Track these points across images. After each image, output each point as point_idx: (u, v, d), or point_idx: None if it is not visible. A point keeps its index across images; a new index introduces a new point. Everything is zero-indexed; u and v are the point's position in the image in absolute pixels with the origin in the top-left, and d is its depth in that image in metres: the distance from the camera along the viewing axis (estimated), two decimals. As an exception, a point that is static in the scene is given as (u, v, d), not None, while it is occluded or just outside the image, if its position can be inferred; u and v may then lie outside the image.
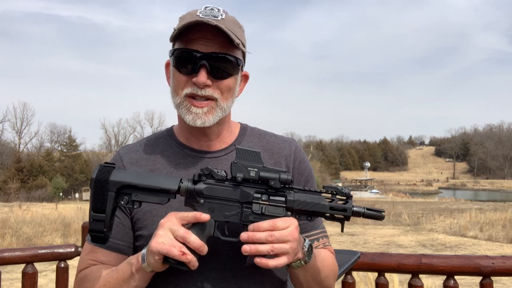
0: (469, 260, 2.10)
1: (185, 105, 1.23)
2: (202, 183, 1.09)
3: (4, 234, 18.23)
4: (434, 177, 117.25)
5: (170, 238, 1.04)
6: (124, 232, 1.28)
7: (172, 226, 1.05)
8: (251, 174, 1.08)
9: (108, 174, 1.08)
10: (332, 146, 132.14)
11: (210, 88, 1.21)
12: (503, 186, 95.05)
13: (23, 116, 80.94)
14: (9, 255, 2.33)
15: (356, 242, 17.24)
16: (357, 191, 72.99)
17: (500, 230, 19.73)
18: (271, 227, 1.04)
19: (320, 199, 1.11)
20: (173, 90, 1.26)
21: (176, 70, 1.24)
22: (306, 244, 1.14)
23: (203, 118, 1.23)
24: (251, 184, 1.09)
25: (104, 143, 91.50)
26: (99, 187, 1.07)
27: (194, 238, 1.04)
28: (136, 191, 1.08)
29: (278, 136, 1.44)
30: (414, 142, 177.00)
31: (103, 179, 1.07)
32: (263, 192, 1.09)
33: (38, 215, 25.69)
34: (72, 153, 74.05)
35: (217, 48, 1.20)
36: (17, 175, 54.86)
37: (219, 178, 1.09)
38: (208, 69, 1.19)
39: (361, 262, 2.17)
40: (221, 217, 1.08)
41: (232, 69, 1.24)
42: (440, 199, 51.84)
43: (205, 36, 1.19)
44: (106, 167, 1.09)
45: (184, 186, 1.09)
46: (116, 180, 1.07)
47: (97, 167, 1.10)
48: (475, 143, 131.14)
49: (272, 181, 1.07)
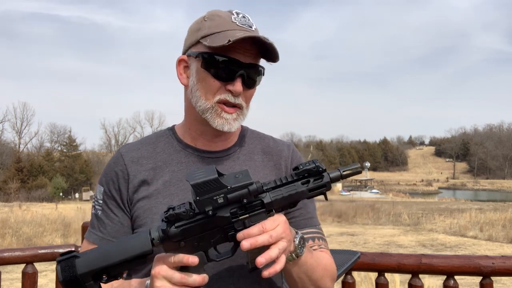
0: (469, 260, 2.10)
1: (215, 110, 1.25)
2: (173, 227, 1.03)
3: (4, 234, 18.25)
4: (434, 177, 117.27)
5: (169, 287, 1.02)
6: (122, 231, 1.28)
7: (166, 274, 1.02)
8: (219, 202, 1.02)
9: (73, 268, 1.00)
10: (332, 146, 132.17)
11: (241, 96, 1.25)
12: (503, 186, 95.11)
13: (23, 116, 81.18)
14: (9, 255, 2.33)
15: (356, 242, 17.24)
16: (357, 191, 73.03)
17: (500, 230, 19.74)
18: (260, 232, 1.02)
19: (296, 187, 1.08)
20: (203, 94, 1.25)
21: (209, 74, 1.24)
22: (297, 236, 1.14)
23: (231, 124, 1.26)
24: (224, 208, 1.04)
25: (104, 143, 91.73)
26: (74, 286, 1.00)
27: (193, 279, 1.02)
28: (111, 269, 1.02)
29: (276, 139, 1.48)
30: (414, 142, 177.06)
31: (72, 277, 0.99)
32: (238, 207, 1.04)
33: (38, 215, 25.70)
34: (72, 153, 74.18)
35: (253, 59, 1.24)
36: (17, 175, 54.92)
37: (188, 218, 1.03)
38: (244, 79, 1.23)
39: (361, 262, 2.17)
40: (208, 246, 1.05)
41: (259, 79, 1.29)
42: (440, 199, 51.87)
43: (244, 46, 1.21)
44: (66, 261, 1.01)
45: (157, 241, 1.02)
46: (86, 271, 1.00)
47: (58, 266, 1.00)
48: (475, 143, 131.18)
49: (244, 198, 1.03)
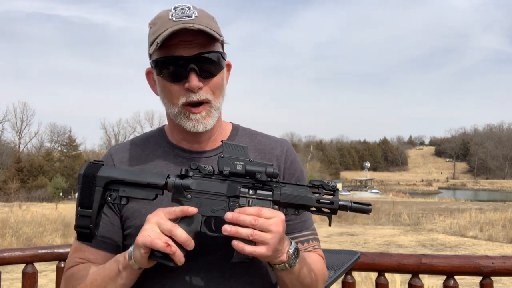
0: (469, 260, 2.10)
1: (183, 113, 1.23)
2: (189, 178, 1.09)
3: (4, 234, 18.25)
4: (434, 177, 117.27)
5: (156, 232, 1.03)
6: (113, 231, 1.27)
7: (159, 220, 1.05)
8: (237, 168, 1.08)
9: (96, 170, 1.08)
10: (332, 146, 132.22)
11: (202, 90, 1.21)
12: (503, 186, 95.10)
13: (23, 116, 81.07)
14: (9, 255, 2.33)
15: (356, 242, 17.25)
16: (357, 191, 73.02)
17: (500, 230, 19.75)
18: (256, 213, 1.04)
19: (307, 192, 1.11)
20: (168, 101, 1.25)
21: (165, 80, 1.22)
22: (292, 247, 1.12)
23: (203, 123, 1.23)
24: (238, 179, 1.10)
25: (104, 143, 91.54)
26: (87, 182, 1.07)
27: (181, 232, 1.03)
28: (123, 187, 1.08)
29: (270, 136, 1.43)
30: (414, 142, 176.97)
31: (90, 174, 1.07)
32: (250, 186, 1.09)
33: (38, 215, 25.72)
34: (72, 153, 74.17)
35: (200, 48, 1.19)
36: (17, 175, 54.91)
37: (206, 173, 1.10)
38: (197, 72, 1.19)
39: (361, 262, 2.17)
40: (208, 211, 1.08)
41: (219, 65, 1.24)
42: (440, 199, 51.89)
43: (185, 39, 1.18)
44: (94, 164, 1.10)
45: (172, 181, 1.09)
46: (104, 175, 1.08)
47: (85, 164, 1.10)
48: (475, 143, 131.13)
49: (258, 174, 1.07)
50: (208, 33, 1.17)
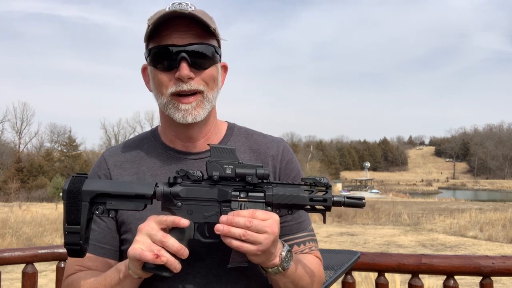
0: (469, 260, 2.10)
1: (172, 103, 1.20)
2: (178, 185, 1.07)
3: (4, 234, 18.22)
4: (434, 177, 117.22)
5: (147, 243, 1.02)
6: (110, 236, 1.26)
7: (150, 231, 1.03)
8: (227, 172, 1.06)
9: (80, 184, 1.05)
10: (332, 146, 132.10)
11: (194, 81, 1.19)
12: (503, 186, 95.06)
13: (23, 116, 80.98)
14: (9, 255, 2.33)
15: (356, 242, 17.24)
16: (357, 191, 72.96)
17: (500, 230, 19.72)
18: (250, 215, 1.03)
19: (299, 191, 1.09)
20: (157, 90, 1.23)
21: (155, 69, 1.21)
22: (284, 250, 1.11)
23: (193, 114, 1.20)
24: (228, 182, 1.08)
25: (104, 143, 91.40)
26: (72, 198, 1.04)
27: (173, 242, 1.02)
28: (110, 199, 1.06)
29: (266, 135, 1.40)
30: (414, 142, 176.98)
31: (75, 189, 1.04)
32: (241, 189, 1.07)
33: (38, 215, 25.69)
34: (72, 153, 74.08)
35: (193, 39, 1.18)
36: (17, 175, 54.86)
37: (195, 179, 1.07)
38: (188, 61, 1.17)
39: (361, 262, 2.17)
40: (200, 218, 1.06)
41: (212, 57, 1.21)
42: (440, 199, 51.80)
43: (178, 29, 1.17)
44: (78, 177, 1.07)
45: (160, 190, 1.06)
46: (89, 190, 1.05)
47: (69, 178, 1.07)
48: (475, 143, 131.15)
49: (249, 176, 1.06)
50: (201, 22, 1.16)
